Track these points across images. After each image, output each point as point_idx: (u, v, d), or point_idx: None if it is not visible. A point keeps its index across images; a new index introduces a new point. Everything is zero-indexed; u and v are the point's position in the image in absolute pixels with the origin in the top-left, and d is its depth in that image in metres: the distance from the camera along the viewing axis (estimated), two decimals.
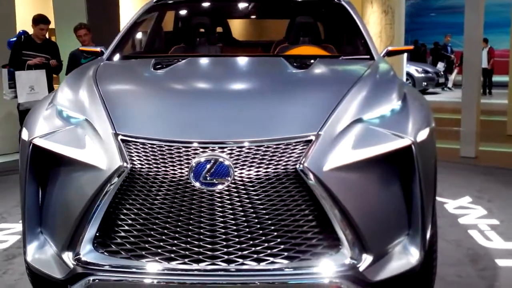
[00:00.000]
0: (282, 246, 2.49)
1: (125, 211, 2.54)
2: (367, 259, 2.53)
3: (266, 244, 2.49)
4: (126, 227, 2.54)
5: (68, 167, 2.67)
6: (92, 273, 2.54)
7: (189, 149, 2.50)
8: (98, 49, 4.09)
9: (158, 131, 2.60)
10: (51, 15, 8.71)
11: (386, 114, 2.77)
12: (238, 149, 2.50)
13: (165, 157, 2.51)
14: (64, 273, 2.62)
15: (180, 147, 2.51)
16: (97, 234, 2.56)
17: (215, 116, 2.69)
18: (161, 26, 4.89)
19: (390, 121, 2.74)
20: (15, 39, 7.52)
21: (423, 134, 2.74)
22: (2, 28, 7.95)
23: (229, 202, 2.47)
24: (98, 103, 2.79)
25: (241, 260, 2.48)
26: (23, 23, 8.69)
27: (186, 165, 2.48)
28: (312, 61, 3.50)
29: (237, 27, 5.86)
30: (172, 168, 2.49)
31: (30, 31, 7.37)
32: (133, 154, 2.54)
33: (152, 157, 2.52)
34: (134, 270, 2.50)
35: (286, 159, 2.49)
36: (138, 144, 2.55)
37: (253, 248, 2.49)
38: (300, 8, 4.92)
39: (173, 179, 2.49)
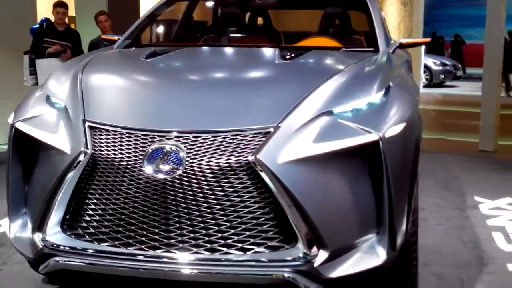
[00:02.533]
0: (236, 238, 2.48)
1: (89, 195, 2.61)
2: (322, 255, 2.49)
3: (219, 235, 2.48)
4: (90, 211, 2.61)
5: (42, 151, 2.79)
6: (57, 254, 2.63)
7: (146, 137, 2.55)
8: (116, 37, 4.17)
9: (120, 119, 2.68)
10: (72, 3, 8.76)
11: (361, 107, 2.70)
12: (193, 139, 2.51)
13: (123, 144, 2.57)
14: (33, 253, 2.72)
15: (139, 134, 2.57)
16: (67, 216, 2.64)
17: (176, 105, 2.74)
18: (191, 15, 4.90)
19: (363, 114, 2.67)
20: (37, 26, 7.58)
21: (394, 130, 2.65)
22: (22, 15, 7.99)
23: (181, 191, 2.48)
24: (77, 90, 2.88)
25: (195, 249, 2.50)
26: (44, 11, 8.73)
27: (141, 153, 2.52)
28: (304, 52, 3.47)
29: (296, 19, 5.92)
30: (128, 155, 2.55)
31: (52, 18, 7.42)
32: (96, 141, 2.61)
33: (112, 144, 2.59)
34: (93, 253, 2.58)
35: (241, 150, 2.47)
36: (103, 130, 2.63)
37: (207, 238, 2.49)
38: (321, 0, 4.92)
39: (128, 166, 2.54)
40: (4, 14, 7.78)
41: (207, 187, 2.47)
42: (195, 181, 2.47)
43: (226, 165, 2.46)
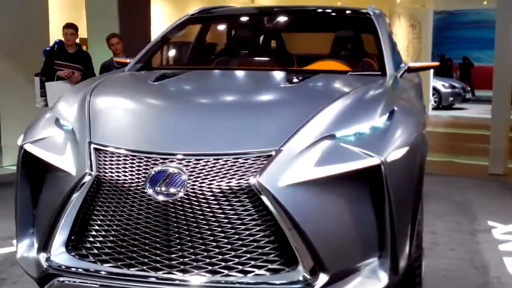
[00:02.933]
0: (236, 260, 2.49)
1: (93, 216, 2.64)
2: (323, 278, 2.48)
3: (220, 257, 2.49)
4: (94, 232, 2.65)
5: (49, 172, 2.83)
6: (60, 275, 2.66)
7: (149, 160, 2.58)
8: (128, 60, 4.22)
9: (124, 141, 2.71)
10: (84, 25, 8.86)
11: (364, 131, 2.70)
12: (195, 161, 2.53)
13: (127, 166, 2.61)
14: (38, 272, 2.74)
15: (142, 157, 2.60)
16: (73, 237, 2.68)
17: (179, 128, 2.77)
18: (204, 38, 4.96)
19: (366, 138, 2.67)
20: (50, 48, 7.66)
21: (397, 154, 2.65)
22: (35, 38, 8.09)
23: (182, 213, 2.50)
24: (84, 113, 2.92)
25: (196, 271, 2.51)
26: (57, 33, 8.83)
27: (144, 175, 2.55)
28: (310, 76, 3.50)
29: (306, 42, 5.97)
30: (130, 177, 2.58)
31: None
32: (101, 163, 2.65)
33: (116, 166, 2.62)
34: (96, 274, 2.60)
35: (242, 173, 2.49)
36: (107, 152, 2.67)
37: (208, 260, 2.50)
38: (330, 22, 4.96)
39: (131, 188, 2.57)
40: (17, 36, 7.89)
41: (208, 210, 2.48)
42: (196, 203, 2.49)
43: (227, 188, 2.48)
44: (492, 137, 7.85)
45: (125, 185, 2.58)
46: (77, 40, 7.70)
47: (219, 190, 2.48)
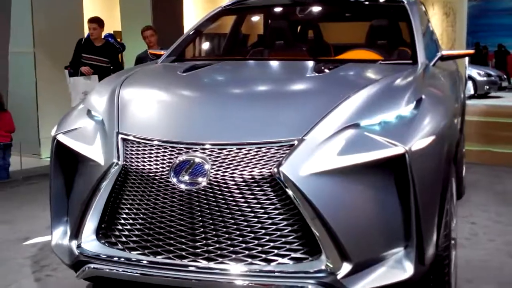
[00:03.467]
0: (260, 248, 2.50)
1: (121, 205, 2.71)
2: (346, 267, 2.47)
3: (244, 245, 2.51)
4: (122, 220, 2.71)
5: (80, 162, 2.92)
6: (91, 261, 2.74)
7: (173, 149, 2.62)
8: (163, 52, 4.26)
9: (149, 131, 2.77)
10: (118, 19, 8.96)
11: (390, 120, 2.68)
12: (218, 151, 2.56)
13: (152, 156, 2.66)
14: (71, 259, 2.83)
15: (167, 146, 2.64)
16: (103, 225, 2.75)
17: (203, 118, 2.80)
18: (239, 30, 4.98)
19: (391, 128, 2.65)
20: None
21: (422, 143, 2.62)
22: (71, 32, 8.21)
23: (205, 202, 2.53)
24: (113, 104, 2.99)
25: (220, 259, 2.53)
26: None
27: (168, 164, 2.60)
28: (338, 65, 3.47)
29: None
30: (155, 166, 2.63)
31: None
32: (128, 152, 2.71)
33: (142, 155, 2.68)
34: (124, 261, 2.67)
35: (264, 163, 2.50)
36: (134, 142, 2.73)
37: (231, 248, 2.52)
38: (363, 11, 4.94)
39: (156, 177, 2.62)
40: (53, 30, 8.02)
41: (231, 199, 2.51)
42: (219, 192, 2.52)
43: (250, 177, 2.50)
44: None
45: (150, 174, 2.63)
46: (107, 32, 7.80)
47: (241, 179, 2.50)
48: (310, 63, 3.54)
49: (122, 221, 2.71)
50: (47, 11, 8.00)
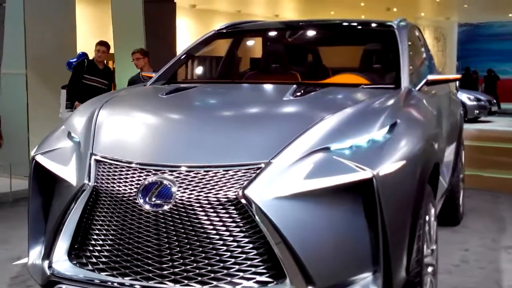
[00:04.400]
0: (225, 271, 2.50)
1: (92, 226, 2.75)
2: None
3: (209, 268, 2.51)
4: (92, 241, 2.74)
5: (57, 182, 2.94)
6: (61, 282, 2.76)
7: (142, 171, 2.65)
8: (153, 74, 4.30)
9: (121, 153, 2.80)
10: (111, 41, 8.96)
11: (361, 144, 2.69)
12: (186, 173, 2.58)
13: (122, 177, 2.69)
14: (43, 279, 2.84)
15: (137, 168, 2.68)
16: (76, 246, 2.78)
17: (174, 141, 2.85)
18: (235, 53, 5.00)
19: (361, 152, 2.66)
20: (75, 59, 7.81)
21: (392, 167, 2.62)
22: (63, 52, 8.23)
23: (171, 224, 2.54)
24: (91, 126, 3.03)
25: (186, 281, 2.53)
26: (84, 48, 8.97)
27: (136, 186, 2.62)
28: (318, 89, 3.49)
29: None
30: (124, 188, 2.66)
31: (89, 53, 7.64)
32: (99, 173, 2.76)
33: (112, 176, 2.72)
34: (92, 282, 2.68)
35: (230, 185, 2.51)
36: (106, 164, 2.77)
37: (197, 271, 2.52)
38: (353, 36, 4.98)
39: (124, 199, 2.65)
40: (45, 49, 8.02)
41: (197, 221, 2.52)
42: (185, 214, 2.53)
43: (215, 199, 2.51)
44: None
45: (119, 195, 2.66)
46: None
47: (207, 202, 2.51)
48: (291, 87, 3.53)
49: (93, 242, 2.74)
50: (40, 33, 8.02)
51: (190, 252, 2.53)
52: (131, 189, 2.63)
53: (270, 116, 3.12)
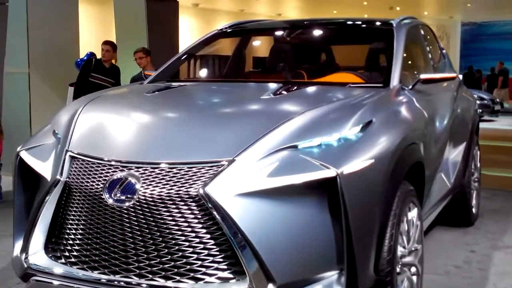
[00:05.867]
0: (188, 267, 2.52)
1: (66, 220, 2.82)
2: None
3: (172, 263, 2.54)
4: (66, 235, 2.81)
5: (37, 177, 3.01)
6: (35, 274, 2.83)
7: (110, 167, 2.72)
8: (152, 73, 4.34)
9: (93, 149, 2.87)
10: (114, 41, 8.98)
11: (330, 142, 2.69)
12: (151, 169, 2.63)
13: (91, 173, 2.76)
14: (20, 271, 2.91)
15: (106, 164, 2.74)
16: (53, 239, 2.86)
17: (142, 138, 2.90)
18: (242, 52, 5.01)
19: (329, 150, 2.66)
20: (85, 58, 7.88)
21: (358, 165, 2.62)
22: (66, 52, 8.26)
23: (135, 219, 2.58)
24: (71, 123, 3.11)
25: (150, 276, 2.57)
26: (87, 47, 9.00)
27: (103, 181, 2.68)
28: (300, 88, 3.50)
29: None
30: (91, 183, 2.73)
31: (96, 53, 7.70)
32: (72, 169, 2.84)
33: (83, 172, 2.79)
34: (63, 274, 2.74)
35: (193, 182, 2.54)
36: (79, 160, 2.85)
37: (161, 266, 2.56)
38: (352, 35, 4.98)
39: (91, 194, 2.71)
40: (49, 49, 8.04)
41: (159, 217, 2.55)
42: (147, 210, 2.56)
43: (177, 196, 2.53)
44: None
45: (87, 191, 2.72)
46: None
47: (168, 198, 2.54)
48: (274, 85, 3.53)
49: (66, 236, 2.80)
50: (43, 31, 8.03)
51: (154, 247, 2.56)
52: (98, 184, 2.69)
53: (241, 114, 3.14)
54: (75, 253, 2.76)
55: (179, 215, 2.52)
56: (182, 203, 2.52)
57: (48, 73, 8.03)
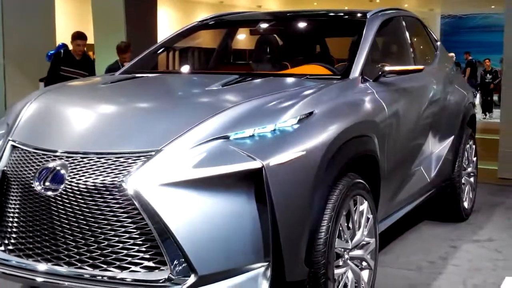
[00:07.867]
0: (114, 256, 2.54)
1: (5, 208, 2.86)
2: (192, 279, 2.46)
3: (99, 252, 2.56)
4: (4, 223, 2.84)
5: None
6: None
7: (43, 156, 2.75)
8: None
9: (30, 139, 2.92)
10: (91, 31, 8.87)
11: (264, 134, 2.67)
12: (80, 159, 2.65)
13: (26, 162, 2.80)
14: None
15: (39, 153, 2.78)
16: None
17: (76, 128, 2.93)
18: (228, 44, 4.99)
19: (261, 141, 2.64)
20: (54, 51, 7.69)
21: (287, 157, 2.60)
22: (42, 45, 8.13)
23: (62, 208, 2.60)
24: (19, 114, 3.15)
25: (79, 264, 2.59)
26: (63, 39, 8.87)
27: (34, 170, 2.72)
28: (249, 79, 3.49)
29: None
30: (24, 172, 2.77)
31: (70, 45, 7.55)
32: (12, 158, 2.89)
33: (19, 161, 2.83)
34: (3, 262, 2.78)
35: (118, 172, 2.55)
36: (18, 149, 2.90)
37: (89, 254, 2.58)
38: (328, 26, 4.95)
39: (22, 182, 2.76)
40: (24, 42, 7.93)
41: (85, 206, 2.56)
42: (74, 199, 2.58)
43: (102, 185, 2.54)
44: (501, 141, 7.76)
45: (21, 179, 2.77)
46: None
47: (94, 187, 2.55)
48: (229, 77, 3.48)
49: (5, 224, 2.83)
50: (18, 23, 7.91)
51: (81, 236, 2.58)
52: (29, 173, 2.73)
53: (179, 105, 3.12)
54: (12, 241, 2.77)
55: (105, 204, 2.54)
56: (107, 192, 2.53)
57: (23, 66, 7.94)
